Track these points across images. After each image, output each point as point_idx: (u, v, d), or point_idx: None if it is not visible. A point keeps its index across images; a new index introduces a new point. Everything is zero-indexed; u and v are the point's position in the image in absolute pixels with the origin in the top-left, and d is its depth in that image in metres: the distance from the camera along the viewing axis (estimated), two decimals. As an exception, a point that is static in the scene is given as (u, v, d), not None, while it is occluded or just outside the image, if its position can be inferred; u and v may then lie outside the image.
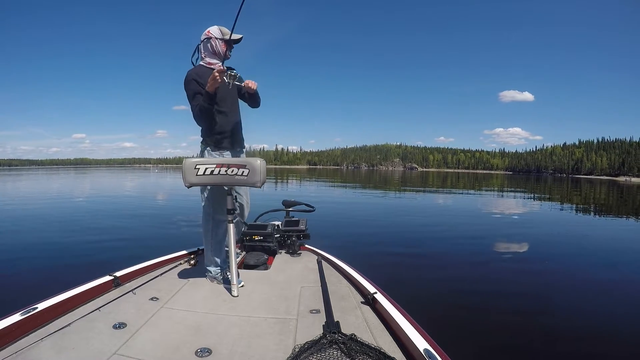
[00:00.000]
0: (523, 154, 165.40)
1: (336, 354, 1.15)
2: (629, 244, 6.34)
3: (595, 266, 4.64)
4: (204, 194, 2.10)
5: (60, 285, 1.75)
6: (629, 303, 3.38)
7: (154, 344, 1.33)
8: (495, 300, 3.36)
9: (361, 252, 5.01)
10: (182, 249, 2.54)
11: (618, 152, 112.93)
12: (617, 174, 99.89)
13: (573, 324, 2.87)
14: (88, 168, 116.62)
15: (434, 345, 1.19)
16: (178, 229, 6.83)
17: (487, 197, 16.36)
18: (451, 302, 3.28)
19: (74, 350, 1.26)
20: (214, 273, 2.08)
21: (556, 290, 3.69)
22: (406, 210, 10.57)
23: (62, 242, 5.52)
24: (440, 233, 6.75)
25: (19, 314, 1.37)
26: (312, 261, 2.45)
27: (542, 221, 8.99)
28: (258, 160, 1.79)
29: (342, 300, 1.76)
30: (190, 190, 2.07)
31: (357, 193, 16.88)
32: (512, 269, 4.45)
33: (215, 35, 2.05)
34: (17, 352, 1.21)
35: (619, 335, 2.70)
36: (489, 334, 2.65)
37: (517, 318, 2.95)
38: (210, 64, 2.09)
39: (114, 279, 1.89)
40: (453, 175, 38.37)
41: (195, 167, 1.78)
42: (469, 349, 2.41)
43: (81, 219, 7.87)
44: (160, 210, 9.99)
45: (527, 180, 46.64)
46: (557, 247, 5.73)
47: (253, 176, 1.78)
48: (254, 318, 1.59)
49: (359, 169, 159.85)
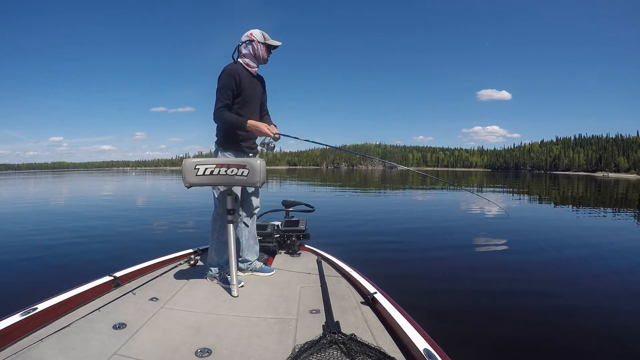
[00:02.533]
0: (501, 151, 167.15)
1: (336, 354, 1.15)
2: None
3: (594, 263, 4.64)
4: (215, 193, 2.11)
5: (60, 286, 1.75)
6: (633, 302, 3.37)
7: (154, 344, 1.33)
8: (495, 300, 3.35)
9: (361, 252, 5.01)
10: (182, 249, 2.54)
11: (595, 148, 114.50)
12: (594, 170, 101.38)
13: (573, 323, 2.87)
14: (66, 172, 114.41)
15: (434, 345, 1.19)
16: (178, 229, 6.84)
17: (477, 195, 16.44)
18: (451, 302, 3.28)
19: (74, 351, 1.26)
20: (214, 272, 2.08)
21: (556, 289, 3.68)
22: (406, 210, 10.57)
23: (62, 242, 5.52)
24: (440, 233, 6.75)
25: (19, 314, 1.37)
26: (312, 261, 2.45)
27: (541, 221, 8.99)
28: (258, 160, 1.80)
29: (342, 300, 1.76)
30: (189, 191, 2.07)
31: (342, 192, 16.89)
32: (511, 268, 4.44)
33: (258, 38, 2.07)
34: (17, 353, 1.21)
35: (620, 334, 2.70)
36: (489, 334, 2.65)
37: (517, 318, 2.95)
38: (249, 65, 2.12)
39: (114, 279, 1.89)
40: (432, 174, 38.52)
41: (195, 167, 1.78)
42: (469, 349, 2.42)
43: (80, 220, 7.87)
44: (160, 210, 9.99)
45: (506, 177, 47.24)
46: (557, 247, 5.73)
47: (253, 176, 1.78)
48: (254, 318, 1.59)
49: (339, 168, 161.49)
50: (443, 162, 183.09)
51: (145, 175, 56.32)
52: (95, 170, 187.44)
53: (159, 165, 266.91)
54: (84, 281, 1.78)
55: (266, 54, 2.13)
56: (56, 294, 1.58)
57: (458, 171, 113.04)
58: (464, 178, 42.00)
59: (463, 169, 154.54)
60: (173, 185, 23.82)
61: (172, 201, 12.36)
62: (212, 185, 1.90)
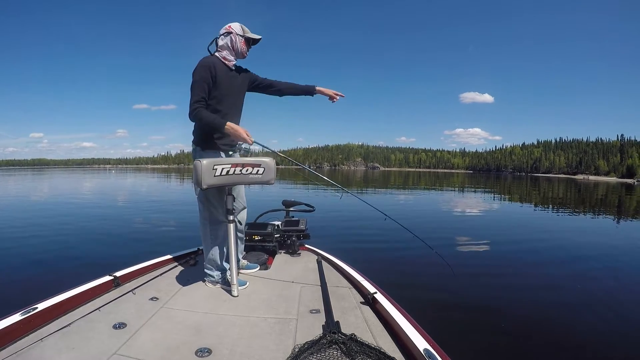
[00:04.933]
0: (483, 153, 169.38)
1: (336, 354, 1.15)
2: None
3: (594, 263, 4.64)
4: (198, 196, 2.00)
5: (60, 285, 1.75)
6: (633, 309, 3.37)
7: (154, 344, 1.33)
8: (495, 300, 3.36)
9: (361, 252, 5.01)
10: (182, 249, 2.54)
11: (575, 151, 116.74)
12: (574, 173, 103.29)
13: (573, 323, 2.87)
14: (46, 169, 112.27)
15: (433, 345, 1.19)
16: (177, 230, 6.83)
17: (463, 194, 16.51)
18: (451, 302, 3.28)
19: (74, 350, 1.26)
20: (217, 278, 2.02)
21: (556, 289, 3.69)
22: (404, 209, 10.57)
23: (62, 242, 5.52)
24: (440, 233, 6.75)
25: (19, 314, 1.37)
26: (312, 261, 2.45)
27: (539, 220, 9.00)
28: (269, 159, 1.87)
29: (342, 300, 1.76)
30: (187, 192, 2.05)
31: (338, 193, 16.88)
32: (511, 268, 4.45)
33: (236, 31, 1.99)
34: (17, 352, 1.21)
35: (620, 336, 2.70)
36: (489, 334, 2.66)
37: (517, 318, 2.95)
38: (226, 59, 2.00)
39: (114, 279, 1.89)
40: (415, 174, 38.16)
41: (213, 168, 1.73)
42: (469, 349, 2.42)
43: (80, 221, 7.87)
44: (159, 211, 9.99)
45: (488, 179, 47.89)
46: (556, 246, 5.73)
47: (268, 174, 1.85)
48: (254, 318, 1.59)
49: (321, 168, 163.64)
50: (425, 164, 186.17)
51: (126, 173, 54.78)
52: (76, 167, 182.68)
53: (140, 163, 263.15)
54: (84, 281, 1.78)
55: (245, 48, 2.03)
56: (56, 294, 1.58)
57: (440, 172, 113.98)
58: (445, 179, 42.41)
59: (445, 170, 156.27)
60: (162, 184, 23.82)
61: (172, 202, 12.36)
62: (229, 185, 1.85)
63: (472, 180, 40.09)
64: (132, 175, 45.36)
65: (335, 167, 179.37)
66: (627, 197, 19.55)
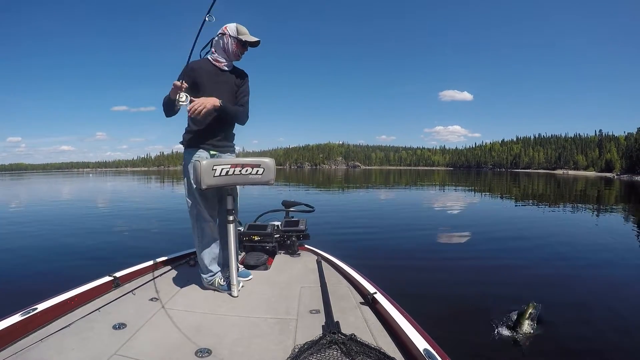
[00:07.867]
0: (463, 150, 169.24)
1: (336, 354, 1.15)
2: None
3: (594, 264, 4.63)
4: (187, 194, 1.97)
5: (60, 286, 1.75)
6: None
7: (154, 344, 1.33)
8: (495, 300, 3.35)
9: (361, 252, 5.01)
10: (181, 250, 2.54)
11: (554, 147, 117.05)
12: (554, 168, 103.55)
13: (573, 322, 2.87)
14: (24, 174, 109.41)
15: (433, 345, 1.19)
16: (177, 230, 6.84)
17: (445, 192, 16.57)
18: (451, 302, 3.28)
19: (74, 351, 1.26)
20: (208, 280, 1.96)
21: (556, 289, 3.68)
22: (403, 208, 10.57)
23: (62, 243, 5.52)
24: (439, 232, 6.75)
25: (19, 314, 1.37)
26: (312, 261, 2.45)
27: (538, 220, 9.00)
28: (268, 159, 1.86)
29: (342, 300, 1.76)
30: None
31: (337, 193, 16.91)
32: (511, 268, 4.44)
33: (230, 32, 1.95)
34: (17, 353, 1.21)
35: (623, 334, 2.70)
36: (489, 334, 2.65)
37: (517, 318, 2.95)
38: (217, 61, 1.99)
39: (114, 279, 1.89)
40: (395, 172, 38.32)
41: (212, 169, 1.74)
42: (469, 349, 2.42)
43: (80, 221, 7.87)
44: (159, 211, 9.99)
45: (469, 175, 48.07)
46: (555, 246, 5.73)
47: (267, 175, 1.84)
48: (254, 318, 1.59)
49: (302, 168, 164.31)
50: (406, 161, 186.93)
51: (106, 177, 52.69)
52: (54, 172, 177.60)
53: (120, 166, 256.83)
54: (84, 281, 1.78)
55: (237, 49, 1.97)
56: (56, 294, 1.58)
57: (420, 170, 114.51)
58: (426, 177, 42.59)
59: (426, 168, 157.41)
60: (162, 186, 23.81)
61: (171, 202, 12.36)
62: (229, 185, 1.85)
63: (453, 177, 40.25)
64: (111, 178, 44.59)
65: (316, 166, 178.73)
66: (607, 191, 20.26)
